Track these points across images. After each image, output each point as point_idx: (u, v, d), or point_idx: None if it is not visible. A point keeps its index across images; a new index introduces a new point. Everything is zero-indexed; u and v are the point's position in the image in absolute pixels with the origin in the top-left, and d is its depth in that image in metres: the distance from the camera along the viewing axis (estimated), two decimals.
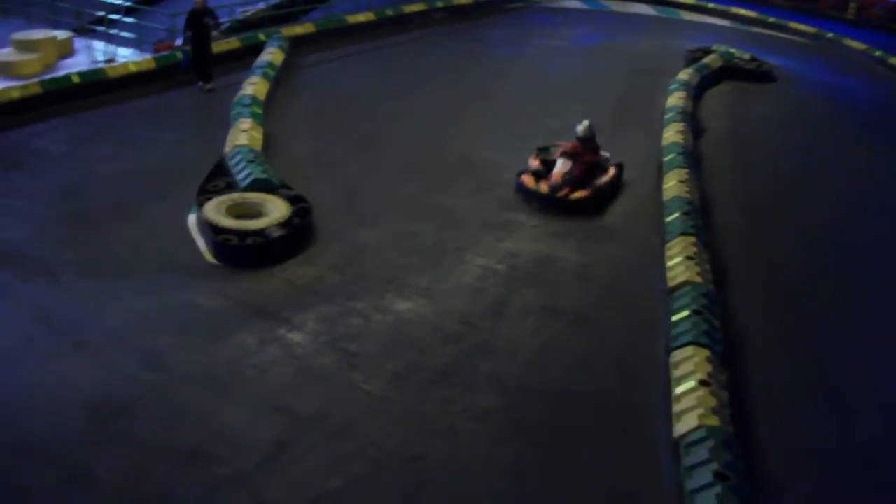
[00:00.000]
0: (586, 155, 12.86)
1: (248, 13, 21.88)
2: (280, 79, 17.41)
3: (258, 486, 6.64)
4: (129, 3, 19.25)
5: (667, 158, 13.95)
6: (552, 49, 23.20)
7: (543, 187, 12.50)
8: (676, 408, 7.60)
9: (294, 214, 10.96)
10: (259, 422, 7.42)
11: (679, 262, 10.26)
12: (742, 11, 29.59)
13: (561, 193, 12.37)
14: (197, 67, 16.91)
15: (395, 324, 9.21)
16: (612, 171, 13.17)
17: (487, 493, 6.83)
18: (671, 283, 9.91)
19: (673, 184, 12.72)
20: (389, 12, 23.89)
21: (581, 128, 13.06)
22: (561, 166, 12.64)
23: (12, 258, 10.13)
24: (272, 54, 18.14)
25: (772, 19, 28.90)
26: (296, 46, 19.86)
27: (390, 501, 6.67)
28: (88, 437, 7.14)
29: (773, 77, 21.09)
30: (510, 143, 14.79)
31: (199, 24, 16.41)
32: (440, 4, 25.79)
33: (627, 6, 30.20)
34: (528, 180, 12.71)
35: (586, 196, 12.47)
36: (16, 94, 14.86)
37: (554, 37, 24.60)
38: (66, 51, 17.86)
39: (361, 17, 22.98)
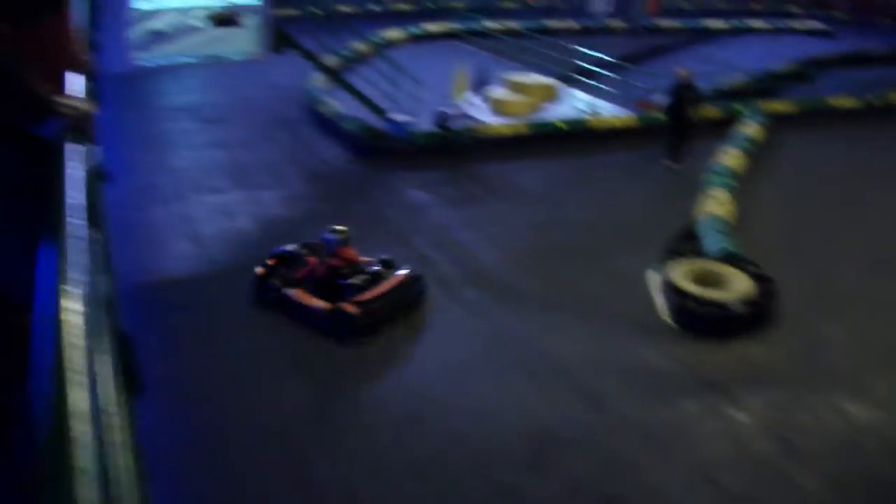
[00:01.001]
0: None
1: (728, 83, 21.84)
2: (756, 154, 17.13)
3: None
4: (612, 59, 20.04)
5: None
6: None
7: None
8: None
9: (758, 293, 10.68)
10: (686, 487, 7.33)
11: None
12: None
13: None
14: (670, 143, 16.19)
15: (845, 428, 8.60)
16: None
17: None
18: None
19: None
20: (875, 101, 22.71)
21: None
22: None
23: (485, 280, 10.96)
24: (751, 128, 17.92)
25: None
26: (774, 122, 19.44)
27: None
28: (523, 462, 7.47)
29: None
30: None
31: (681, 98, 15.98)
32: None
33: None
34: None
35: None
36: (507, 132, 16.11)
37: None
38: (553, 97, 18.92)
39: (845, 102, 22.02)
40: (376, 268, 10.07)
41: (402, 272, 10.05)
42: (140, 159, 14.77)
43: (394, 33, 25.38)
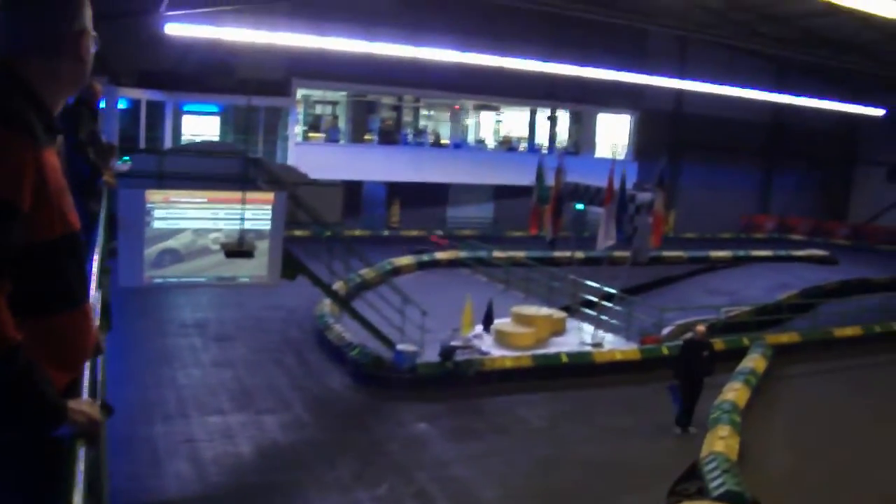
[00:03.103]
0: None
1: (733, 314, 22.26)
2: (761, 387, 17.29)
3: None
4: (616, 292, 20.54)
5: None
6: None
7: None
8: None
9: None
10: None
11: None
12: None
13: None
14: (681, 406, 14.86)
15: None
16: None
17: None
18: None
19: None
20: (877, 328, 23.07)
21: None
22: None
23: None
24: (755, 361, 18.22)
25: None
26: (779, 354, 19.70)
27: None
28: None
29: None
30: None
31: (696, 358, 14.82)
32: None
33: None
34: None
35: None
36: (509, 364, 16.40)
37: None
38: (559, 328, 19.31)
39: (848, 331, 22.41)
40: None
41: None
42: (146, 373, 15.06)
43: (403, 259, 26.09)
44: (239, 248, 14.03)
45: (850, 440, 15.28)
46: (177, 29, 23.50)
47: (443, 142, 37.17)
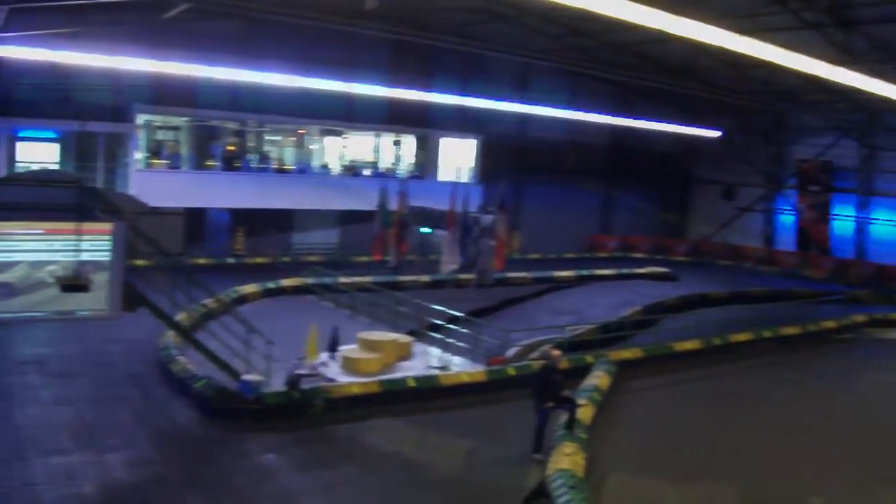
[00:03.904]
0: None
1: (578, 332, 22.92)
2: (606, 403, 17.88)
3: None
4: (462, 315, 20.92)
5: None
6: (881, 385, 22.40)
7: None
8: None
9: None
10: None
11: None
12: None
13: None
14: (539, 431, 14.74)
15: None
16: None
17: None
18: None
19: None
20: (716, 340, 24.17)
21: None
22: None
23: None
24: (599, 378, 18.80)
25: None
26: (623, 370, 20.42)
27: None
28: None
29: None
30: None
31: (548, 382, 15.06)
32: (767, 334, 25.75)
33: None
34: None
35: None
36: (357, 390, 16.52)
37: (883, 371, 23.94)
38: (406, 353, 19.49)
39: (688, 345, 23.37)
40: None
41: None
42: None
43: (248, 287, 25.93)
44: (74, 281, 13.73)
45: (692, 448, 16.06)
46: (10, 52, 22.82)
47: (287, 167, 37.17)
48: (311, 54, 29.47)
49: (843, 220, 42.78)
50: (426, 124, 37.69)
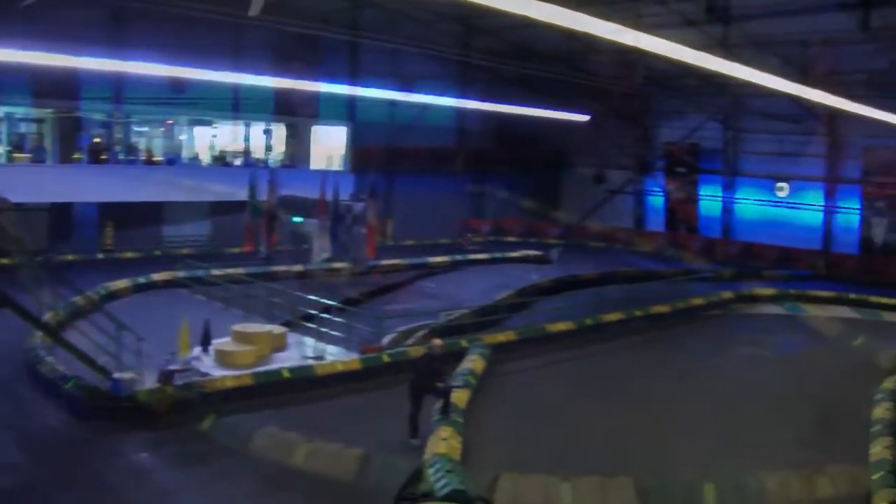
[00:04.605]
0: None
1: (452, 317, 23.26)
2: (481, 386, 18.24)
3: None
4: (335, 303, 21.04)
5: (875, 477, 13.30)
6: (748, 358, 23.31)
7: None
8: None
9: None
10: None
11: None
12: None
13: None
14: (413, 418, 15.00)
15: None
16: None
17: None
18: None
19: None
20: (588, 321, 24.79)
21: None
22: None
23: None
24: (474, 361, 19.18)
25: None
26: (497, 353, 20.85)
27: None
28: None
29: None
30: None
31: (429, 372, 15.23)
32: (638, 313, 26.51)
33: (827, 309, 29.89)
34: None
35: None
36: (231, 384, 16.52)
37: (750, 344, 24.90)
38: (280, 344, 19.51)
39: (561, 326, 23.90)
40: None
41: None
42: None
43: (118, 283, 25.51)
44: None
45: (564, 425, 16.56)
46: None
47: (156, 159, 36.49)
48: (176, 43, 28.96)
49: (709, 200, 44.21)
50: (296, 112, 37.45)
